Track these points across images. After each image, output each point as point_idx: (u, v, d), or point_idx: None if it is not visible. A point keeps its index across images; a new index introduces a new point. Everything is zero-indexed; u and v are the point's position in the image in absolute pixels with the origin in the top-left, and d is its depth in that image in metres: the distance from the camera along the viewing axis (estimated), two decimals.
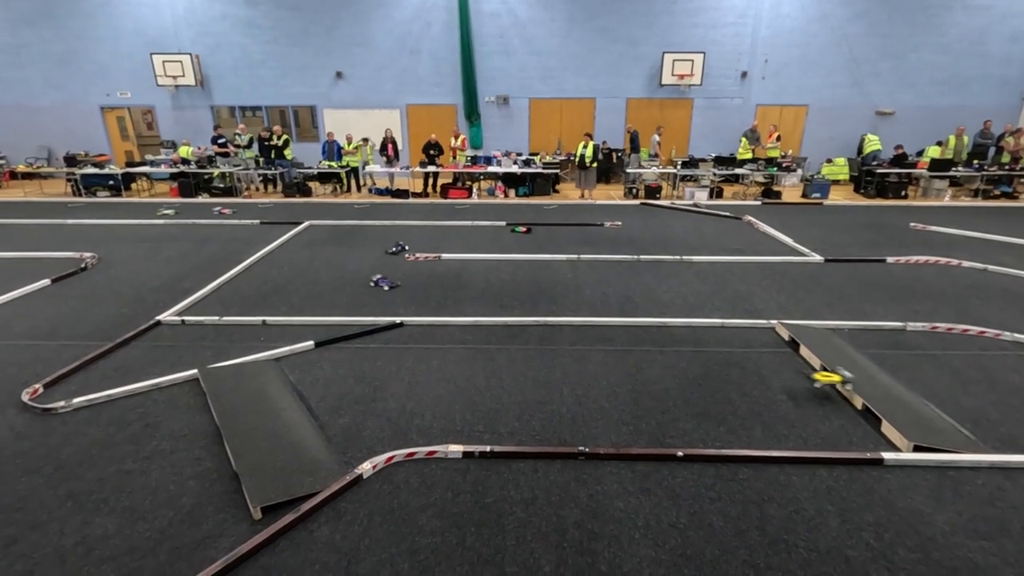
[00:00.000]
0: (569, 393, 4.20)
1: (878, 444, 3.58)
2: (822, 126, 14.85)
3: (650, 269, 7.27)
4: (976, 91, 14.44)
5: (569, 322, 5.47)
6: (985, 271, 7.15)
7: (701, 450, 3.47)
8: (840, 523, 2.93)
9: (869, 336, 5.23)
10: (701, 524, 2.92)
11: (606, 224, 9.79)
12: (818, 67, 14.42)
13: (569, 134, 14.71)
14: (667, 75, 14.09)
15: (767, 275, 7.04)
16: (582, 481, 3.25)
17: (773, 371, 4.54)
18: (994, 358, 4.77)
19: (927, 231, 9.39)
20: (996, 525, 2.91)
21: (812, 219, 10.36)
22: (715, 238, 8.88)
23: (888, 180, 12.61)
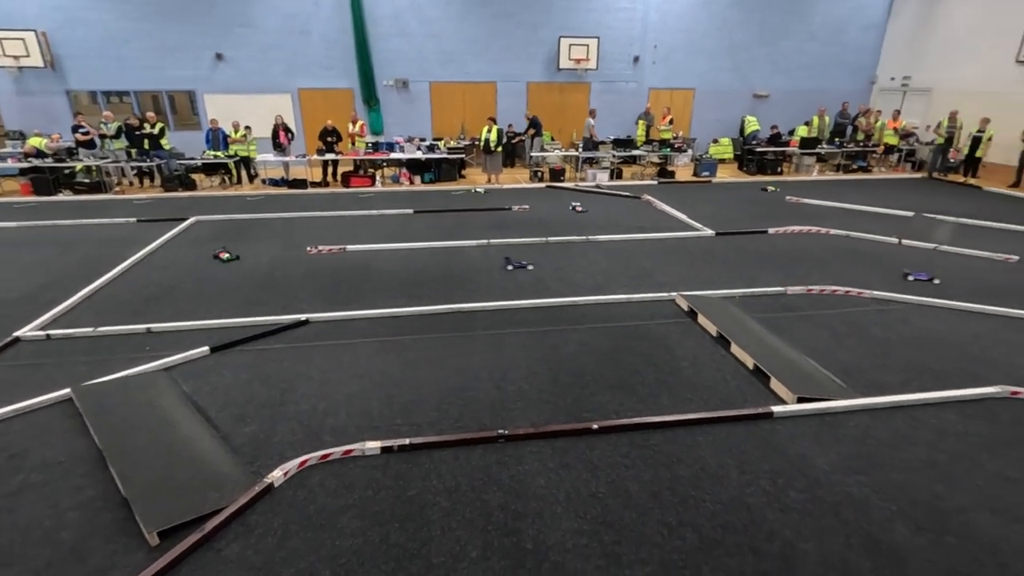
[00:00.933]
0: (487, 378, 4.21)
1: (768, 399, 3.92)
2: (708, 108, 15.83)
3: (558, 250, 7.44)
4: (835, 76, 16.03)
5: (483, 307, 5.47)
6: (848, 237, 8.02)
7: (615, 421, 3.62)
8: (740, 474, 3.18)
9: (757, 301, 5.70)
10: (619, 491, 3.05)
11: (514, 208, 9.87)
12: (702, 52, 15.31)
13: (472, 118, 14.59)
14: (564, 59, 14.35)
15: (666, 250, 7.45)
16: (504, 463, 3.28)
17: (676, 340, 4.83)
18: (859, 314, 5.38)
19: (800, 203, 10.36)
20: (867, 460, 3.29)
21: (703, 196, 11.07)
22: (618, 217, 9.24)
23: (766, 158, 13.74)
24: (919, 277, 6.09)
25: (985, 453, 3.35)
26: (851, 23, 15.53)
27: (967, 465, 3.25)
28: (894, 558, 2.61)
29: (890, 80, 15.76)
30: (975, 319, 5.27)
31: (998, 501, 2.97)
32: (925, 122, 14.37)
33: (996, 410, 3.79)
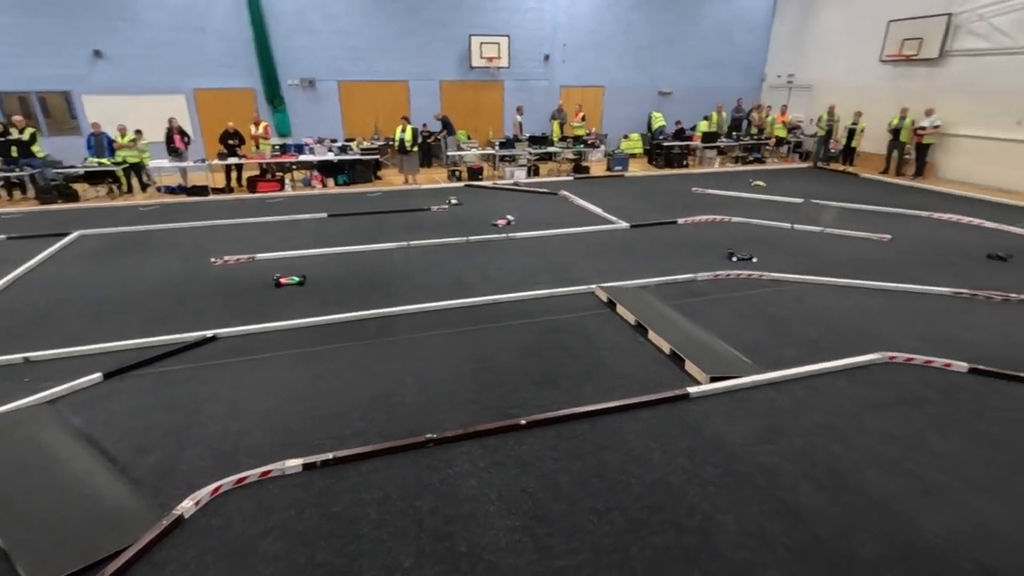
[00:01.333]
0: (412, 382, 4.13)
1: (685, 381, 4.13)
2: (618, 105, 16.44)
3: (480, 249, 7.44)
4: (729, 73, 17.17)
5: (405, 311, 5.37)
6: (748, 223, 8.62)
7: (542, 415, 3.67)
8: (662, 455, 3.33)
9: (670, 288, 5.99)
10: (549, 484, 3.10)
11: (434, 208, 9.76)
12: (610, 52, 15.87)
13: (386, 118, 14.26)
14: (476, 58, 14.37)
15: (584, 244, 7.65)
16: (434, 468, 3.23)
17: (597, 331, 4.97)
18: (760, 295, 5.79)
19: (705, 194, 11.00)
20: (773, 430, 3.55)
21: (617, 190, 11.48)
22: (536, 213, 9.38)
23: (672, 152, 14.48)
24: (742, 257, 6.83)
25: (871, 414, 3.72)
26: (738, 25, 16.68)
27: (857, 426, 3.59)
28: (800, 518, 2.83)
29: (777, 77, 17.08)
30: (856, 293, 5.83)
31: (883, 457, 3.30)
32: (808, 116, 15.72)
33: (877, 374, 4.22)
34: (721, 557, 2.61)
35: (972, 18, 11.75)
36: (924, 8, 12.50)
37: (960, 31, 12.02)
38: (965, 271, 6.52)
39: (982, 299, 5.67)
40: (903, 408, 3.78)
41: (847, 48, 14.60)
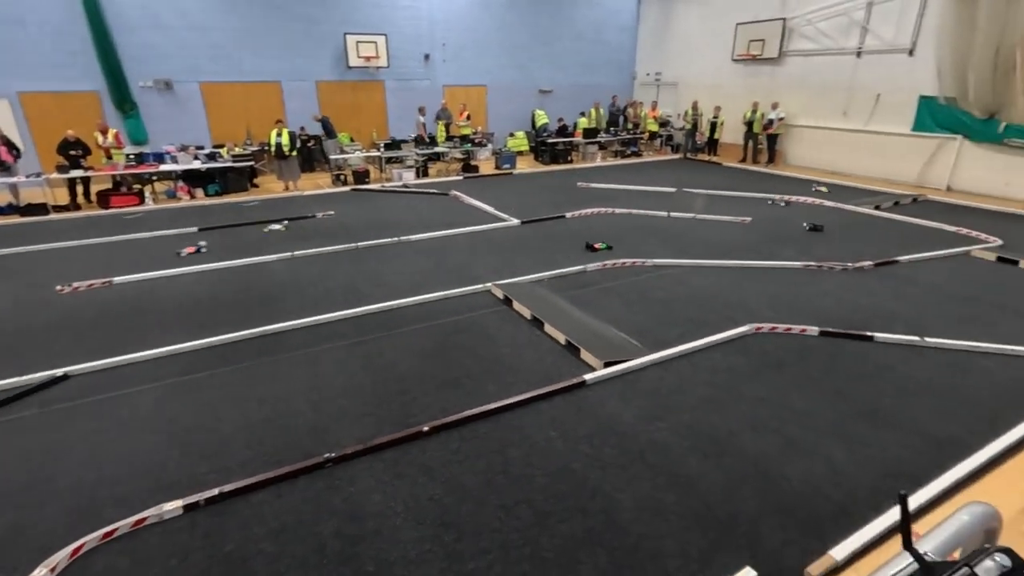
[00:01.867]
0: (304, 402, 3.90)
1: (581, 369, 4.29)
2: (501, 104, 16.68)
3: (371, 255, 7.20)
4: (604, 72, 18.08)
5: (292, 326, 5.06)
6: (630, 214, 9.14)
7: (444, 419, 3.63)
8: (563, 444, 3.43)
9: (563, 281, 6.19)
10: (455, 488, 3.08)
11: (319, 215, 9.30)
12: (488, 51, 16.04)
13: (259, 122, 13.34)
14: (353, 57, 13.87)
15: (477, 242, 7.69)
16: (334, 488, 3.08)
17: (496, 329, 5.01)
18: (644, 280, 6.17)
19: (590, 188, 11.50)
20: (662, 407, 3.80)
21: (506, 188, 11.66)
22: (428, 215, 9.27)
23: (557, 148, 14.97)
24: (596, 246, 7.27)
25: (744, 382, 4.10)
26: (608, 25, 17.60)
27: (734, 395, 3.94)
28: (690, 486, 3.06)
29: (646, 75, 18.26)
30: (726, 272, 6.40)
31: (755, 419, 3.65)
32: (676, 111, 16.98)
33: (747, 344, 4.66)
34: (623, 533, 2.74)
35: (802, 23, 13.34)
36: (764, 13, 13.97)
37: (794, 34, 13.59)
38: (810, 245, 7.40)
39: (826, 269, 6.47)
40: (769, 373, 4.21)
41: (704, 48, 15.94)
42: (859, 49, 12.34)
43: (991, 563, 0.50)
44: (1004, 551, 0.51)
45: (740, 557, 2.60)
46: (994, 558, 0.50)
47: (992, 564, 0.50)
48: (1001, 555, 0.50)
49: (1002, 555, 0.50)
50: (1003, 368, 4.25)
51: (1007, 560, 0.50)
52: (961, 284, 6.02)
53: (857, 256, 6.82)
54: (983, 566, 0.50)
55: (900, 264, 6.64)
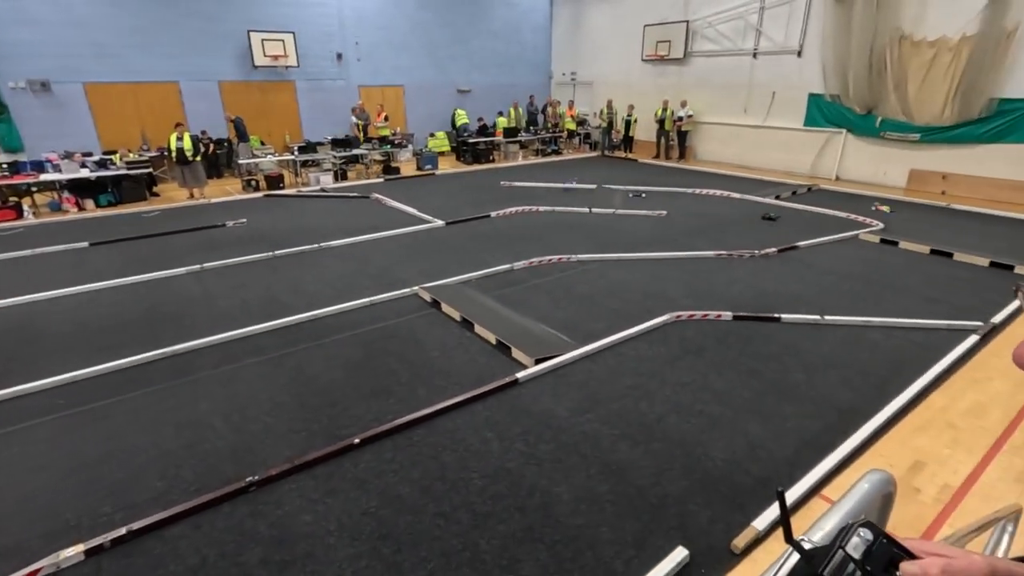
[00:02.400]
0: (223, 423, 3.66)
1: (513, 367, 4.31)
2: (420, 104, 16.46)
3: (289, 263, 6.88)
4: (521, 71, 18.29)
5: (206, 343, 4.73)
6: (553, 211, 9.31)
7: (376, 429, 3.53)
8: (499, 444, 3.44)
9: (491, 281, 6.20)
10: (391, 499, 3.00)
11: (229, 223, 8.76)
12: (404, 50, 15.77)
13: (157, 125, 12.38)
14: (259, 56, 13.17)
15: (402, 246, 7.54)
16: (260, 513, 2.91)
17: (425, 332, 4.94)
18: (569, 276, 6.30)
19: (513, 186, 11.60)
20: (592, 399, 3.89)
21: (429, 189, 11.52)
22: (349, 219, 8.98)
23: (478, 148, 14.98)
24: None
25: (667, 368, 4.28)
26: (524, 25, 17.83)
27: (658, 381, 4.11)
28: (622, 473, 3.15)
29: (562, 75, 18.66)
30: (646, 264, 6.66)
31: (679, 403, 3.83)
32: (592, 109, 17.48)
33: (668, 333, 4.87)
34: (561, 527, 2.78)
35: (704, 25, 14.13)
36: (670, 15, 14.67)
37: (697, 36, 14.37)
38: (721, 236, 7.86)
39: (736, 257, 6.90)
40: (689, 358, 4.43)
41: (615, 48, 16.51)
42: (755, 51, 13.25)
43: (857, 539, 0.55)
44: (866, 525, 0.56)
45: (672, 538, 2.71)
46: (859, 534, 0.56)
47: (858, 540, 0.55)
48: (864, 530, 0.56)
49: (864, 529, 0.56)
50: (887, 339, 4.72)
51: (869, 534, 0.55)
52: (852, 265, 6.62)
53: (763, 244, 7.32)
54: (852, 544, 0.55)
55: (800, 249, 7.20)
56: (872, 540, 0.56)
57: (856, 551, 0.56)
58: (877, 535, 0.57)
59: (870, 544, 0.56)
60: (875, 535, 0.56)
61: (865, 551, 0.56)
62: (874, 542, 0.56)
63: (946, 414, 3.69)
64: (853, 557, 0.56)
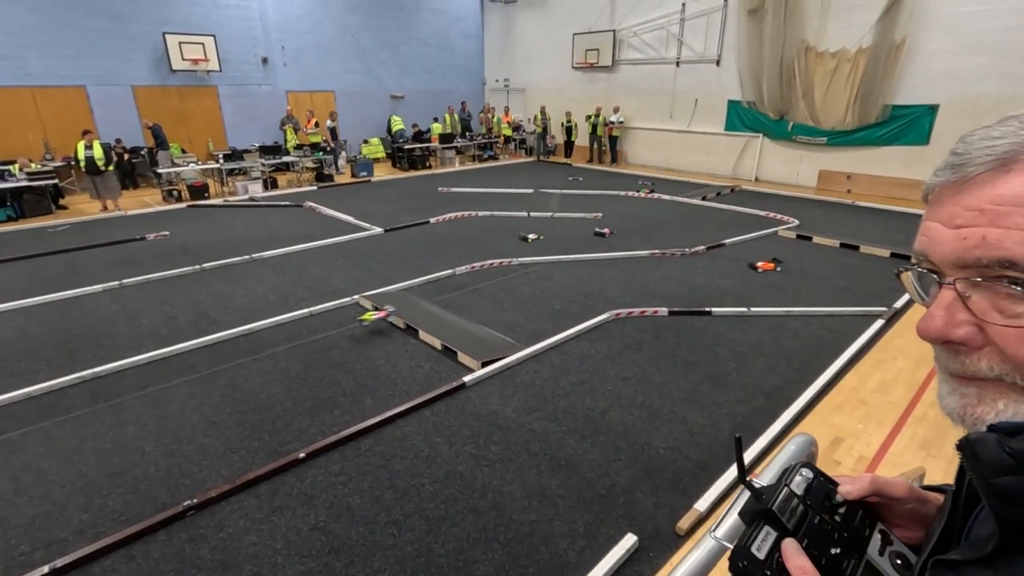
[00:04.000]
0: (153, 447, 3.46)
1: (460, 372, 4.32)
2: (352, 110, 16.11)
3: (218, 276, 6.56)
4: (453, 78, 18.30)
5: (130, 364, 4.44)
6: (493, 216, 9.38)
7: (321, 442, 3.45)
8: (449, 448, 3.44)
9: (433, 287, 6.18)
10: (341, 512, 2.94)
11: (150, 236, 8.24)
12: (333, 55, 15.41)
13: (61, 133, 11.46)
14: (176, 59, 12.48)
15: (340, 254, 7.37)
16: (200, 538, 2.78)
17: (368, 342, 4.85)
18: (511, 279, 6.38)
19: (451, 192, 11.59)
20: (539, 398, 3.97)
21: (366, 196, 11.32)
22: (281, 229, 8.68)
23: (414, 154, 14.86)
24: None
25: (609, 364, 4.43)
26: (455, 32, 17.87)
27: (601, 377, 4.24)
28: (571, 468, 3.24)
29: (495, 81, 18.84)
30: (584, 265, 6.85)
31: (622, 397, 3.97)
32: (526, 115, 17.75)
33: (609, 330, 5.04)
34: (514, 524, 2.82)
35: (629, 34, 14.70)
36: (597, 24, 15.15)
37: (623, 44, 14.93)
38: (652, 235, 8.20)
39: (668, 256, 7.22)
40: (630, 353, 4.60)
41: (547, 55, 16.86)
42: (677, 59, 13.92)
43: (799, 478, 0.64)
44: (806, 466, 0.65)
45: (621, 526, 2.82)
46: (801, 473, 0.64)
47: (800, 478, 0.64)
48: (805, 469, 0.65)
49: (806, 469, 0.65)
50: (806, 326, 5.09)
51: (810, 473, 0.64)
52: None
53: (692, 242, 7.71)
54: (795, 481, 0.63)
55: (726, 247, 7.63)
56: (812, 478, 0.65)
57: (799, 488, 0.63)
58: (816, 474, 0.65)
59: (810, 482, 0.64)
60: (815, 474, 0.65)
61: (806, 488, 0.63)
62: (814, 480, 0.65)
63: (858, 392, 4.04)
64: (796, 493, 0.62)
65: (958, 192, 0.50)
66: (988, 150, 0.48)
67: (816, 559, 0.56)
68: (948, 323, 0.50)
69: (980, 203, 0.48)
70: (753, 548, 0.57)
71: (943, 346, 0.52)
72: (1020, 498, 0.45)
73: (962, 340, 0.50)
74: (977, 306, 0.48)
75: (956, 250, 0.49)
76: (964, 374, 0.51)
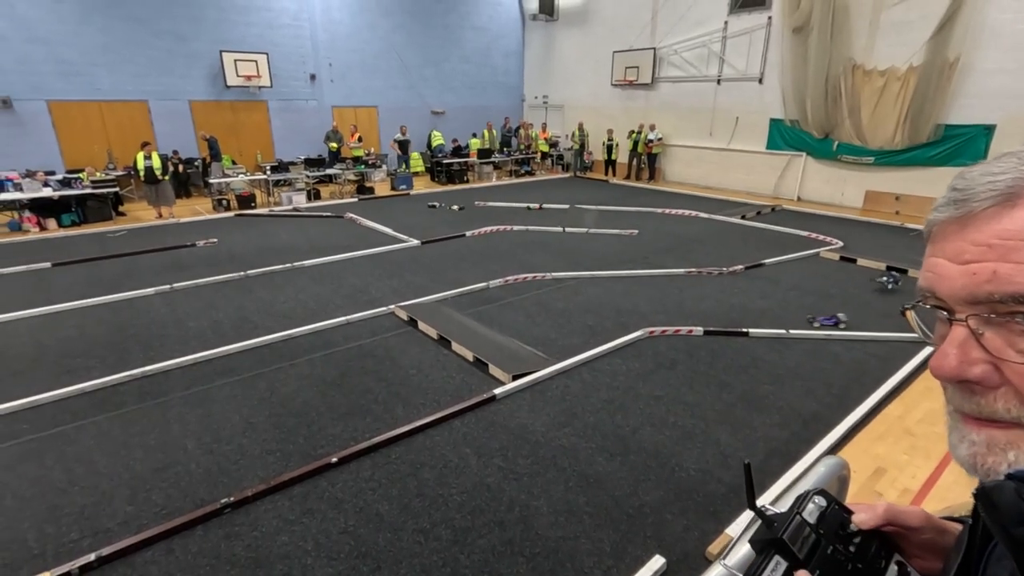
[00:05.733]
0: (195, 445, 3.60)
1: (491, 384, 4.35)
2: (393, 125, 16.51)
3: (261, 283, 6.81)
4: (493, 94, 18.60)
5: (177, 364, 4.64)
6: (528, 230, 9.44)
7: (353, 448, 3.52)
8: (477, 459, 3.46)
9: (467, 299, 6.25)
10: (369, 517, 2.99)
11: (199, 243, 8.62)
12: (378, 71, 15.90)
13: (123, 144, 12.16)
14: (232, 76, 13.12)
15: (377, 265, 7.54)
16: (236, 535, 2.87)
17: (401, 351, 4.94)
18: (544, 293, 6.39)
19: (487, 206, 11.72)
20: (569, 414, 3.95)
21: (404, 209, 11.56)
22: (322, 239, 8.94)
23: (452, 168, 15.12)
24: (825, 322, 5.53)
25: (641, 382, 4.38)
26: (495, 49, 18.19)
27: (632, 395, 4.20)
28: (599, 485, 3.21)
29: (534, 98, 19.04)
30: (618, 281, 6.81)
31: (653, 416, 3.92)
32: (564, 131, 17.85)
33: (642, 348, 4.99)
34: (540, 539, 2.81)
35: (669, 52, 14.66)
36: (637, 43, 15.19)
37: (663, 62, 14.90)
38: (689, 253, 8.09)
39: (705, 275, 7.11)
40: (663, 372, 4.54)
41: (586, 73, 16.97)
42: (719, 77, 13.79)
43: (812, 506, 0.62)
44: (820, 493, 0.64)
45: (649, 547, 2.77)
46: (814, 501, 0.63)
47: (813, 506, 0.62)
48: (818, 497, 0.63)
49: (819, 497, 0.63)
50: (848, 351, 4.92)
51: (823, 501, 0.63)
52: (814, 281, 6.89)
53: (730, 261, 7.57)
54: (808, 510, 0.62)
55: (765, 267, 7.46)
56: (826, 506, 0.63)
57: (811, 516, 0.61)
58: (830, 502, 0.63)
59: (824, 510, 0.62)
60: (828, 502, 0.63)
61: (819, 516, 0.62)
62: (827, 508, 0.63)
63: (903, 422, 3.87)
64: (808, 522, 0.61)
65: (963, 228, 0.49)
66: (991, 185, 0.47)
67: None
68: (963, 361, 0.48)
69: (987, 238, 0.47)
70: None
71: (957, 386, 0.51)
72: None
73: (978, 379, 0.48)
74: (991, 343, 0.47)
75: (967, 286, 0.48)
76: (980, 415, 0.49)
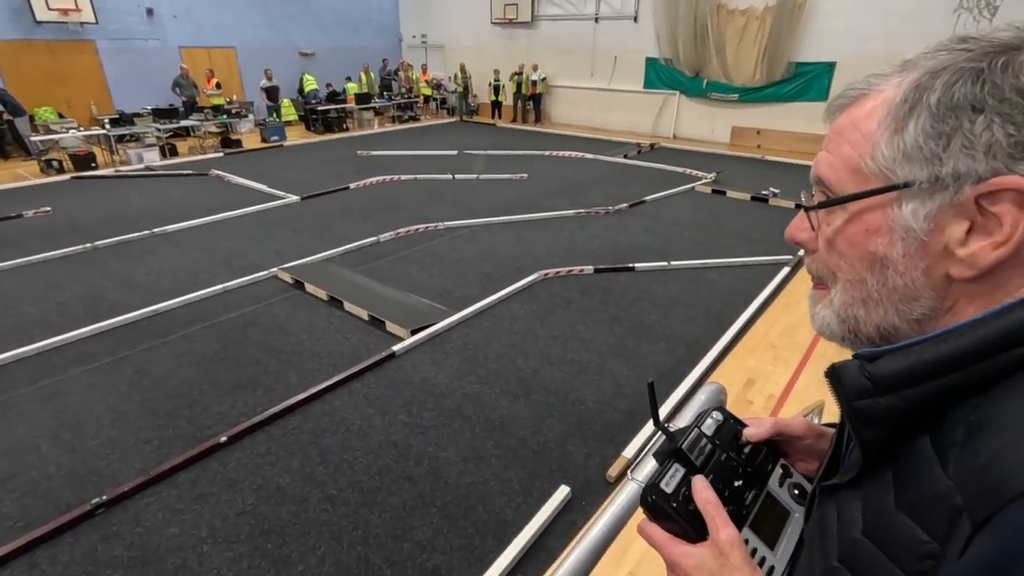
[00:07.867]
0: (51, 446, 3.16)
1: (389, 341, 4.23)
2: (257, 69, 14.89)
3: (115, 255, 5.99)
4: (367, 33, 17.30)
5: (14, 357, 4.00)
6: (416, 179, 9.11)
7: (244, 423, 3.29)
8: (381, 419, 3.39)
9: (356, 255, 5.95)
10: (270, 493, 2.84)
11: (28, 213, 7.35)
12: (231, 5, 14.07)
13: None
14: (41, 10, 10.95)
15: (254, 226, 6.92)
16: (114, 535, 2.60)
17: (289, 316, 4.63)
18: (438, 243, 6.26)
19: (370, 156, 11.11)
20: (471, 362, 3.97)
21: (279, 162, 10.63)
22: (185, 200, 8.00)
23: (329, 116, 14.06)
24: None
25: (539, 324, 4.49)
26: None
27: (531, 337, 4.29)
28: (505, 428, 3.29)
29: (412, 38, 18.01)
30: (512, 226, 6.83)
31: (552, 355, 4.05)
32: (446, 74, 17.17)
33: (538, 290, 5.09)
34: (451, 488, 2.84)
35: None
36: None
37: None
38: (578, 194, 8.29)
39: (593, 214, 7.34)
40: (559, 312, 4.68)
41: (465, 10, 16.25)
42: (596, 15, 13.85)
43: (710, 420, 0.68)
44: (718, 409, 0.70)
45: (555, 479, 2.90)
46: (712, 416, 0.68)
47: (711, 421, 0.68)
48: (716, 412, 0.69)
49: (717, 412, 0.69)
50: (722, 277, 5.38)
51: (721, 416, 0.69)
52: (691, 214, 7.38)
53: (616, 200, 7.86)
54: (706, 424, 0.67)
55: (647, 203, 7.85)
56: (722, 420, 0.69)
57: (709, 429, 0.68)
58: (727, 417, 0.70)
59: (720, 424, 0.69)
60: (725, 417, 0.70)
61: (716, 429, 0.68)
62: (723, 422, 0.70)
63: (768, 337, 4.34)
64: (706, 434, 0.67)
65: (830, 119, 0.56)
66: (852, 87, 0.53)
67: (720, 491, 0.61)
68: (795, 228, 0.58)
69: (831, 130, 0.54)
70: (662, 484, 0.60)
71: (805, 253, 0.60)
72: (874, 418, 0.48)
73: (803, 243, 0.58)
74: (814, 217, 0.56)
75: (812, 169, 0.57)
76: (812, 277, 0.60)
